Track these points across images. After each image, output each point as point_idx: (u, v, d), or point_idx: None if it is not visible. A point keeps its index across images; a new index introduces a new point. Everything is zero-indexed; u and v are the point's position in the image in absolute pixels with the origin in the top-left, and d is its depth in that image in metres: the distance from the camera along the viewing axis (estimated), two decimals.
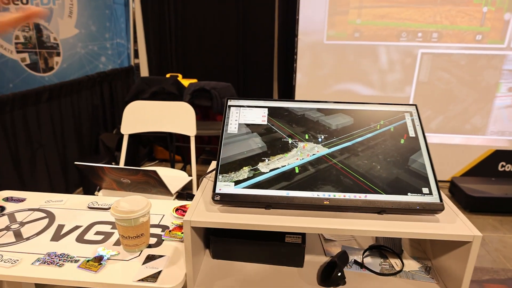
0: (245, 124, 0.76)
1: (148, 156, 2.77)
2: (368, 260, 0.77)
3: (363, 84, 2.46)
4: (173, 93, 2.32)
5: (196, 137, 2.47)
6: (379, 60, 2.43)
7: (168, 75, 2.57)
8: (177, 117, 1.56)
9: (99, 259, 0.70)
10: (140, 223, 0.71)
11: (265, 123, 0.76)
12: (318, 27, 2.39)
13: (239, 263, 0.76)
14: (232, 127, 0.75)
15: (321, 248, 0.81)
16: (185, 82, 2.45)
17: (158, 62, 2.88)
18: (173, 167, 2.44)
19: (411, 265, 0.76)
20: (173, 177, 1.43)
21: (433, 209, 0.64)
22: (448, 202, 0.71)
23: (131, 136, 2.30)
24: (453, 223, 0.63)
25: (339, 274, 0.67)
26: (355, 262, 0.76)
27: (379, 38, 2.38)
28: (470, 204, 2.31)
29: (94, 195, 1.14)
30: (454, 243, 0.66)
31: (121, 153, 1.56)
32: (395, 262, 0.76)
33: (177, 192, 1.31)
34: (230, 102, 0.79)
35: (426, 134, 2.56)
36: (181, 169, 1.93)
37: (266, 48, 2.78)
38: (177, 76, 2.49)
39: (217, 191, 0.67)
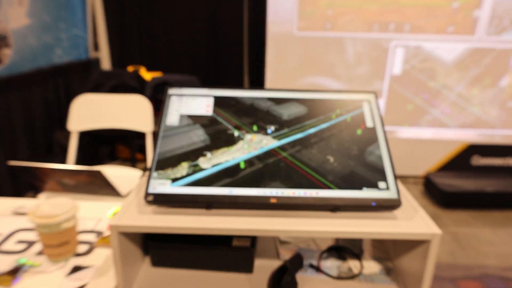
0: (187, 115, 0.71)
1: (110, 155, 2.66)
2: (325, 264, 0.73)
3: (331, 77, 2.44)
4: (134, 87, 2.24)
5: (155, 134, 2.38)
6: (347, 53, 2.42)
7: (129, 68, 2.47)
8: (132, 112, 1.49)
9: (14, 272, 0.62)
10: (64, 229, 0.64)
11: (210, 113, 0.71)
12: (288, 16, 2.35)
13: (182, 270, 0.70)
14: (172, 118, 0.70)
15: (275, 252, 0.76)
16: (149, 76, 2.36)
17: (120, 55, 2.77)
18: (134, 166, 2.35)
19: (371, 267, 0.72)
20: (127, 177, 1.35)
21: (390, 205, 0.60)
22: (407, 197, 0.68)
23: (89, 135, 2.20)
24: (411, 220, 0.60)
25: (289, 279, 0.62)
26: (311, 265, 0.71)
27: (351, 28, 2.37)
28: (445, 200, 2.33)
29: (35, 197, 1.05)
30: (413, 243, 0.63)
31: (70, 152, 1.46)
32: (354, 265, 0.72)
33: (129, 192, 1.24)
34: (170, 91, 0.74)
35: (399, 128, 2.57)
36: (144, 169, 1.85)
37: (236, 40, 2.72)
38: (140, 69, 2.40)
39: (150, 190, 0.61)
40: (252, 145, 0.67)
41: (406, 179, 2.71)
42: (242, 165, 0.64)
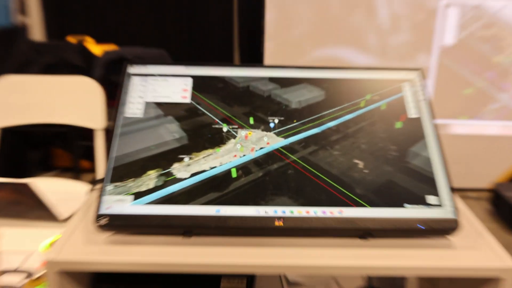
0: (155, 103, 0.72)
1: (43, 163, 2.66)
2: None
3: (356, 49, 2.46)
4: (78, 66, 2.24)
5: (108, 131, 2.39)
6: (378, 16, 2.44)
7: (71, 39, 2.47)
8: (74, 100, 1.49)
9: None
10: None
11: (187, 101, 0.72)
12: None
13: None
14: (133, 108, 0.71)
15: None
16: (99, 50, 2.37)
17: (58, 21, 2.77)
18: (78, 178, 2.34)
19: None
20: (68, 193, 1.36)
21: (444, 229, 0.61)
22: (469, 218, 0.69)
23: (14, 133, 2.19)
24: (474, 250, 0.61)
25: None
26: None
27: None
28: None
29: None
30: (477, 282, 0.63)
31: None
32: None
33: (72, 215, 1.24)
34: (131, 69, 0.75)
35: (453, 121, 2.59)
36: (92, 181, 1.85)
37: (222, 3, 2.73)
38: (85, 41, 2.40)
39: (103, 210, 0.61)
40: (247, 145, 0.67)
41: (466, 192, 2.72)
42: (234, 174, 0.64)
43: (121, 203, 0.62)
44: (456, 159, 2.62)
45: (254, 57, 2.75)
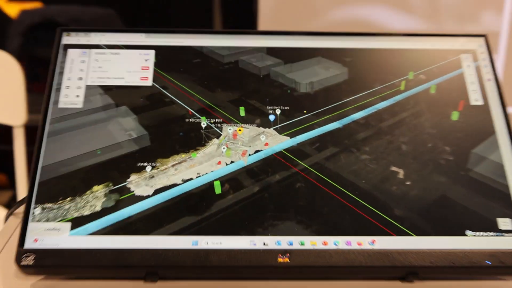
0: (102, 87, 0.72)
1: None
2: None
3: (393, 7, 2.47)
4: None
5: (31, 129, 2.38)
6: None
7: None
8: None
9: None
10: None
11: (148, 83, 0.73)
12: None
13: None
14: (70, 94, 0.71)
15: None
16: (15, 9, 2.37)
17: None
18: None
19: None
20: None
21: None
22: None
23: None
24: None
25: None
26: None
27: None
28: None
29: None
30: None
31: None
32: None
33: None
34: (66, 39, 0.75)
35: None
36: (11, 203, 1.86)
37: None
38: None
39: (28, 244, 0.62)
40: (237, 147, 0.68)
41: None
42: (218, 189, 0.65)
43: (54, 234, 0.62)
44: None
45: (242, 19, 2.75)
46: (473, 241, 0.62)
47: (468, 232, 0.63)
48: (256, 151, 0.67)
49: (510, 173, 0.67)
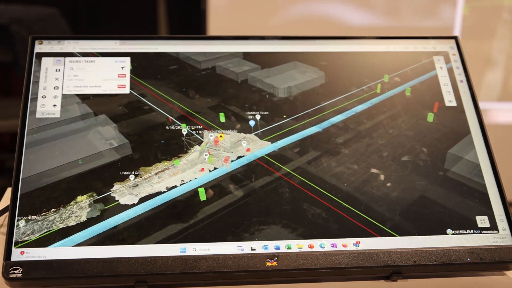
0: (79, 95, 0.72)
1: None
2: None
3: (353, 4, 2.48)
4: None
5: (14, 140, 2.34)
6: None
7: None
8: None
9: None
10: None
11: (126, 91, 0.73)
12: None
13: None
14: (47, 104, 0.71)
15: None
16: None
17: None
18: None
19: None
20: None
21: (501, 261, 0.64)
22: None
23: None
24: None
25: None
26: None
27: None
28: None
29: None
30: None
31: None
32: None
33: None
34: (39, 47, 0.75)
35: (496, 106, 2.63)
36: None
37: None
38: None
39: (15, 257, 0.62)
40: (219, 153, 0.69)
41: None
42: (203, 196, 0.66)
43: (40, 246, 0.62)
44: (510, 160, 2.61)
45: (190, 18, 2.73)
46: (453, 239, 0.65)
47: (449, 231, 0.65)
48: (239, 157, 0.68)
49: (486, 172, 0.69)
